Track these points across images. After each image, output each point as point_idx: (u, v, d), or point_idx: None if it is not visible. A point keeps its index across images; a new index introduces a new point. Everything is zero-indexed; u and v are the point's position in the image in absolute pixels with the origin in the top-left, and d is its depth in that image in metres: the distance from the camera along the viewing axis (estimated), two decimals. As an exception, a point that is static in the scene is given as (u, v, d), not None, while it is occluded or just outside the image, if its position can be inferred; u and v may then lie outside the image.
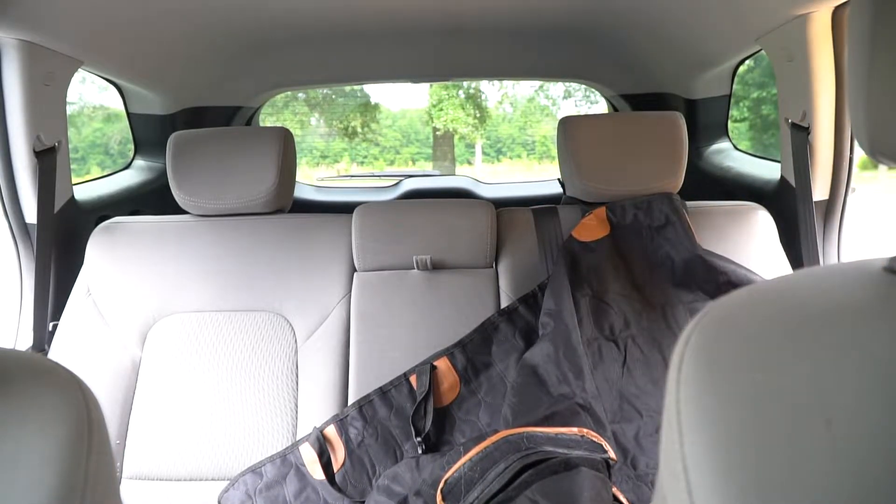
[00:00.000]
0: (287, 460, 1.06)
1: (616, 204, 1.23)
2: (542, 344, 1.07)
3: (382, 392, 1.10)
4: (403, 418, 1.08)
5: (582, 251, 1.19)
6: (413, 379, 1.11)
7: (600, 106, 2.25)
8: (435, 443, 1.07)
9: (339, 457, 1.07)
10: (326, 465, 1.05)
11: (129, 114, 1.78)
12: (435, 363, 1.12)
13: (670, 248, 1.18)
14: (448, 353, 1.12)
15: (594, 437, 0.88)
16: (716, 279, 1.13)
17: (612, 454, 0.87)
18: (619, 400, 1.04)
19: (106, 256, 1.21)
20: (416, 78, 2.01)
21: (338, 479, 1.05)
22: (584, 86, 2.16)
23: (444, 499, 0.83)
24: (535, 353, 1.07)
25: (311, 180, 2.46)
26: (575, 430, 0.90)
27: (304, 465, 1.05)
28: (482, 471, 0.82)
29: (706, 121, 1.83)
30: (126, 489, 1.11)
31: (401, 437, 1.08)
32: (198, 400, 1.14)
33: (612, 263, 1.17)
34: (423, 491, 0.89)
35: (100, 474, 0.33)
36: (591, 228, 1.22)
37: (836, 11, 1.12)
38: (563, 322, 1.08)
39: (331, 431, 1.08)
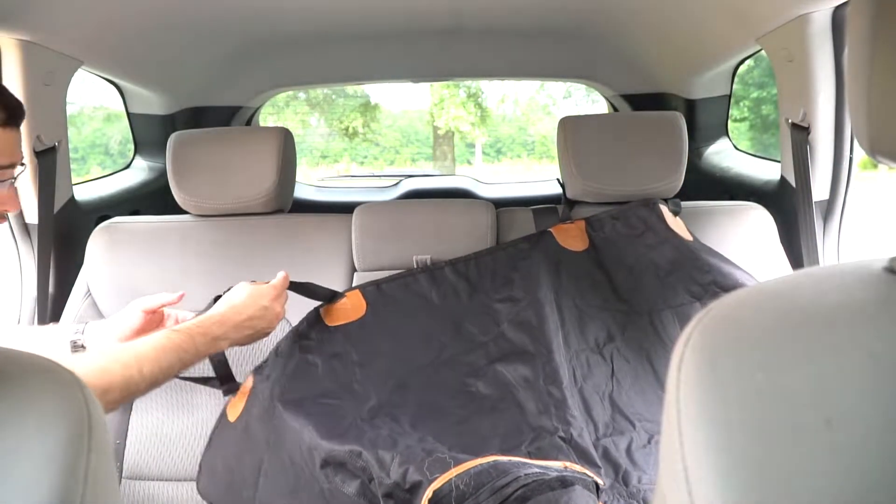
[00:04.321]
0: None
1: (594, 218, 1.23)
2: (519, 366, 1.04)
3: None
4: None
5: (564, 258, 1.18)
6: None
7: (600, 106, 2.25)
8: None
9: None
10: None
11: (129, 114, 1.78)
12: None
13: (653, 253, 1.17)
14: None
15: (577, 468, 0.86)
16: (701, 280, 1.12)
17: (599, 481, 0.86)
18: (612, 411, 1.02)
19: (106, 256, 1.21)
20: (417, 78, 2.01)
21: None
22: (584, 85, 2.17)
23: None
24: (512, 373, 1.04)
25: (311, 180, 2.46)
26: (559, 463, 0.88)
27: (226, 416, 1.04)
28: (476, 486, 0.79)
29: (706, 121, 1.83)
30: (126, 489, 1.11)
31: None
32: (198, 399, 1.13)
33: (592, 277, 1.16)
34: (395, 494, 0.84)
35: (99, 474, 0.33)
36: (573, 238, 1.21)
37: (836, 11, 1.12)
38: (545, 340, 1.05)
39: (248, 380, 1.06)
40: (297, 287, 1.07)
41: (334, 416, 0.97)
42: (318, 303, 1.13)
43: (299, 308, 1.18)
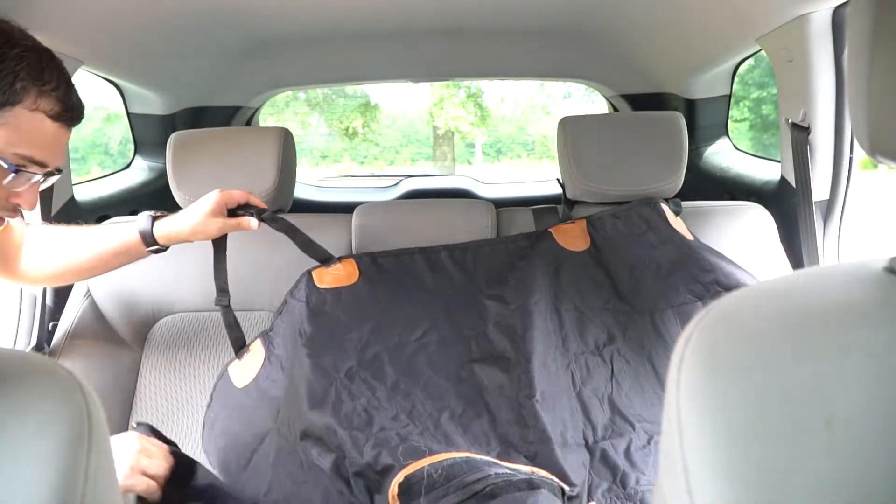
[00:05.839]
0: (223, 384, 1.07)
1: (595, 217, 1.22)
2: (497, 371, 1.03)
3: None
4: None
5: (565, 259, 1.17)
6: None
7: (600, 106, 2.25)
8: None
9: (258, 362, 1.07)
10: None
11: (129, 114, 1.78)
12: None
13: (655, 252, 1.16)
14: None
15: (543, 474, 0.86)
16: (703, 279, 1.12)
17: (565, 487, 0.86)
18: (611, 413, 1.02)
19: None
20: (416, 78, 2.01)
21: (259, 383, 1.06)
22: (584, 85, 2.16)
23: (399, 493, 0.80)
24: (488, 376, 1.03)
25: (311, 180, 2.46)
26: (527, 468, 0.88)
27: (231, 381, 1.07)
28: (447, 478, 0.79)
29: (706, 121, 1.83)
30: None
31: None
32: (199, 400, 1.13)
33: (593, 277, 1.15)
34: (365, 475, 0.84)
35: (100, 474, 0.33)
36: (574, 238, 1.20)
37: (836, 11, 1.12)
38: (525, 350, 1.03)
39: (255, 345, 1.09)
40: (295, 236, 1.10)
41: (318, 373, 0.98)
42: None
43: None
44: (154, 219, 0.99)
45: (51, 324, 1.22)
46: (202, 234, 1.00)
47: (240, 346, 1.09)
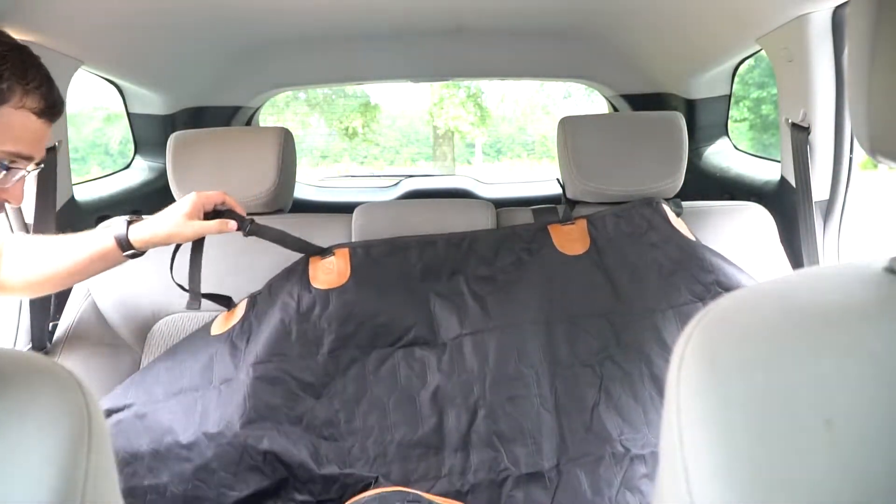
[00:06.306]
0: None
1: (596, 216, 1.21)
2: (450, 411, 1.03)
3: None
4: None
5: (562, 267, 1.16)
6: None
7: (600, 106, 2.25)
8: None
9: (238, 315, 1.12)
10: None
11: (129, 114, 1.78)
12: None
13: (656, 252, 1.15)
14: None
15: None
16: (704, 279, 1.11)
17: None
18: (591, 429, 1.00)
19: None
20: (417, 78, 2.01)
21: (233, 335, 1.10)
22: (584, 85, 2.17)
23: None
24: (449, 402, 1.03)
25: (311, 180, 2.46)
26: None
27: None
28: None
29: (706, 121, 1.83)
30: None
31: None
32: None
33: (591, 282, 1.14)
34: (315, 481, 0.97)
35: (99, 473, 0.33)
36: (573, 241, 1.19)
37: (836, 11, 1.12)
38: (490, 378, 1.04)
39: (241, 304, 1.14)
40: (287, 242, 1.12)
41: (289, 396, 1.02)
42: None
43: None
44: (130, 223, 0.98)
45: (51, 324, 1.22)
46: (179, 237, 0.99)
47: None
